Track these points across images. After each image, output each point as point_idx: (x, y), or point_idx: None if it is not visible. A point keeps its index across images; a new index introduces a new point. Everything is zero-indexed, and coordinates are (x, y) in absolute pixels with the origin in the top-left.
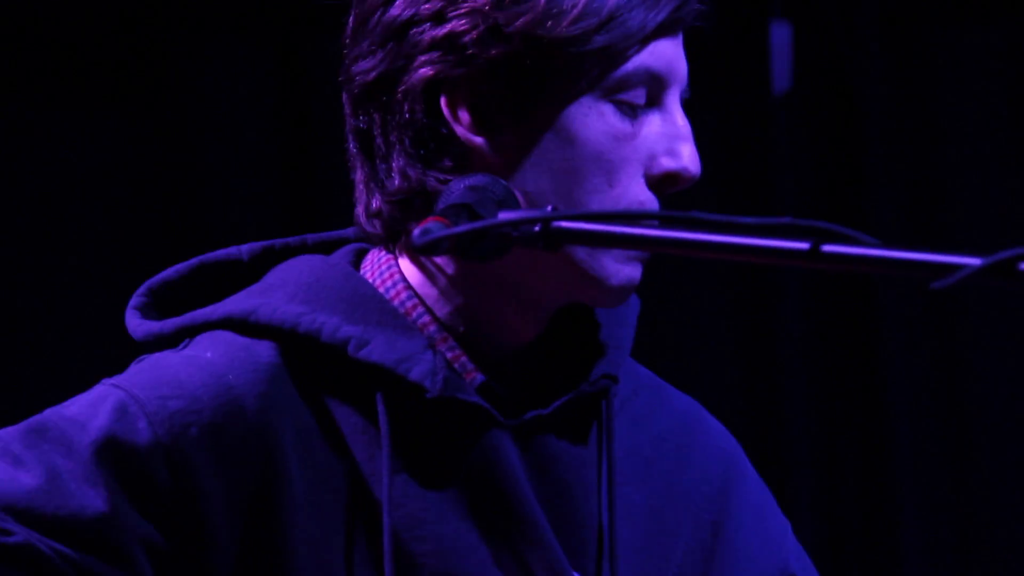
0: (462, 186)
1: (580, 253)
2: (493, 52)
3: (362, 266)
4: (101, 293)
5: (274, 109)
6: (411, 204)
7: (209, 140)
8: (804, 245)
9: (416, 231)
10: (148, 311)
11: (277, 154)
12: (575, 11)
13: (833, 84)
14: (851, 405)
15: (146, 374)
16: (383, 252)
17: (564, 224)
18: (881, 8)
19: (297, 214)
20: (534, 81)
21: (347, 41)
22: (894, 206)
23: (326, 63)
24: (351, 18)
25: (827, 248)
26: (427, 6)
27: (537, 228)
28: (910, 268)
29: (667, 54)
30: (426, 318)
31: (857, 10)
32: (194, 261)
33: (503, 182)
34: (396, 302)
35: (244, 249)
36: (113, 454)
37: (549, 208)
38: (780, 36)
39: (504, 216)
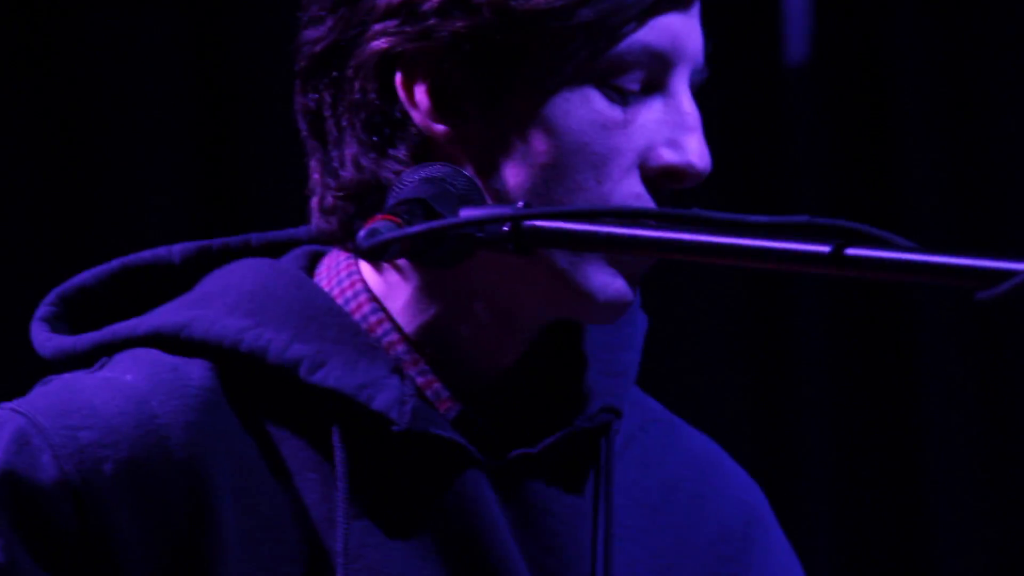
0: (416, 178)
1: (561, 262)
2: (458, 24)
3: (317, 272)
4: None
5: (189, 84)
6: (365, 198)
7: (114, 123)
8: (825, 248)
9: (362, 232)
10: (58, 323)
11: (193, 134)
12: None
13: (859, 50)
14: (881, 440)
15: (53, 398)
16: (342, 256)
17: (538, 223)
18: None
19: (218, 205)
20: (506, 61)
21: (303, 3)
22: (933, 200)
23: (251, 28)
24: None
25: (852, 252)
26: None
27: (506, 228)
28: (951, 275)
29: (673, 28)
30: (393, 336)
31: None
32: (115, 263)
33: (465, 173)
34: (358, 316)
35: (175, 250)
36: (10, 493)
37: (520, 204)
38: None
39: (467, 214)
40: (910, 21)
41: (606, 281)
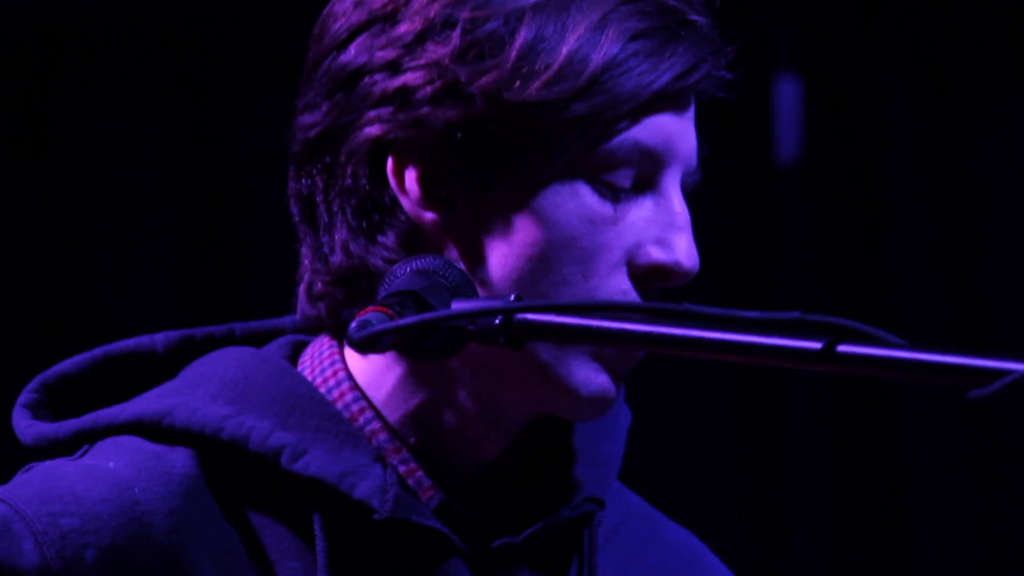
0: (408, 270)
1: (544, 355)
2: (450, 113)
3: (300, 361)
4: None
5: (182, 171)
6: (354, 285)
7: (106, 208)
8: (816, 345)
9: (353, 324)
10: (40, 410)
11: (184, 224)
12: (550, 71)
13: (851, 150)
14: (871, 536)
15: (35, 485)
16: (325, 345)
17: (530, 316)
18: (908, 57)
19: (206, 295)
20: (497, 152)
21: (301, 91)
22: (924, 298)
23: (245, 118)
24: (305, 64)
25: (843, 349)
26: (382, 53)
27: (497, 321)
28: (942, 374)
29: (666, 128)
30: (375, 424)
31: (879, 59)
32: (97, 352)
33: (457, 266)
34: (340, 404)
35: (158, 339)
36: None
37: (512, 297)
38: (787, 93)
39: (458, 306)
40: (901, 120)
41: (589, 376)
